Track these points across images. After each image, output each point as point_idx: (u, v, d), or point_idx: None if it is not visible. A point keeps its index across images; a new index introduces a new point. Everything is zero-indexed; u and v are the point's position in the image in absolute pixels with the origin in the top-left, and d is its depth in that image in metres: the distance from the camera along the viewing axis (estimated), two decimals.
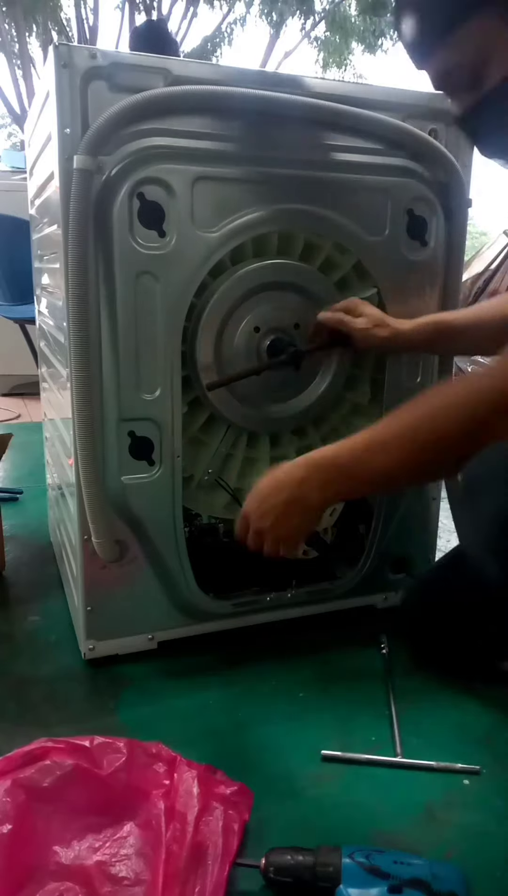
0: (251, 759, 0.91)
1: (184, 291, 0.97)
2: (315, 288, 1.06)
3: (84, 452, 0.96)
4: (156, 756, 0.79)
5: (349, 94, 1.01)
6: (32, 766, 0.75)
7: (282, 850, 0.72)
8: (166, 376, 0.99)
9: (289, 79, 0.98)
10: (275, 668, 1.11)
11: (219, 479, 1.11)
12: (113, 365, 0.96)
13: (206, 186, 0.95)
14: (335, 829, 0.80)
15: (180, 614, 1.12)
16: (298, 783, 0.87)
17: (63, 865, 0.69)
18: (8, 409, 3.09)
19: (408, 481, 0.99)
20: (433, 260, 1.10)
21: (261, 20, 9.49)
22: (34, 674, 1.10)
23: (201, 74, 0.94)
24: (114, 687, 1.06)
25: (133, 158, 0.91)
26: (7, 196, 2.79)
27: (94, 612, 1.07)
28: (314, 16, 9.55)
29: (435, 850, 0.77)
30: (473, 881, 0.71)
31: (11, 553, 1.52)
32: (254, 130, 0.97)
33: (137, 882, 0.67)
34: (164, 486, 1.03)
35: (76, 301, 0.91)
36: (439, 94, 0.91)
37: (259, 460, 1.13)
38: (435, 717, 1.00)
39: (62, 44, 0.87)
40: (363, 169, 1.04)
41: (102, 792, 0.75)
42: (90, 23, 9.06)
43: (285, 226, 1.02)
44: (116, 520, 1.03)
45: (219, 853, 0.69)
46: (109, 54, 0.89)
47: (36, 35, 8.95)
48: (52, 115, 0.90)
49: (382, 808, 0.84)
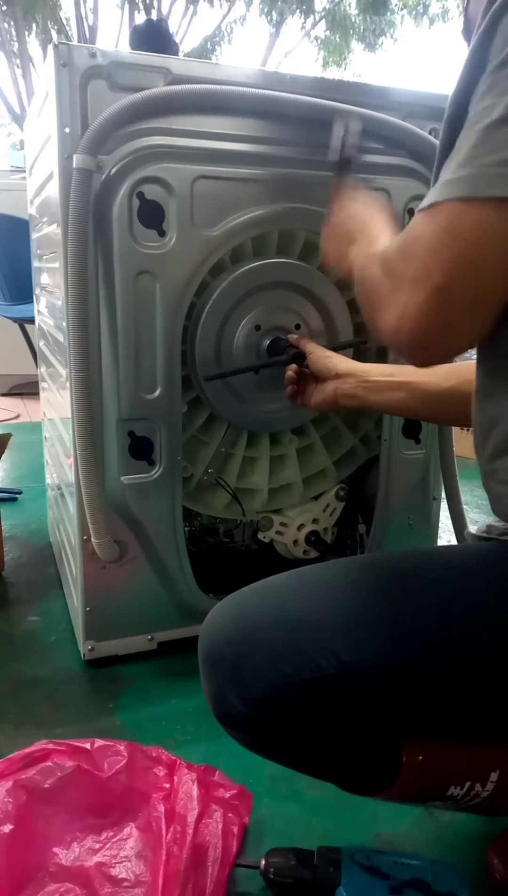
0: (251, 760, 0.91)
1: (184, 291, 0.97)
2: (316, 287, 1.06)
3: (84, 452, 0.95)
4: (156, 759, 0.79)
5: (349, 94, 1.01)
6: (34, 767, 0.75)
7: (282, 851, 0.72)
8: (166, 376, 0.98)
9: (290, 78, 0.98)
10: None
11: (219, 478, 1.11)
12: (112, 364, 0.96)
13: (206, 185, 0.94)
14: (334, 830, 0.80)
15: (180, 614, 1.12)
16: (298, 784, 0.87)
17: (63, 867, 0.69)
18: (7, 409, 3.09)
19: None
20: None
21: (261, 19, 9.50)
22: (34, 674, 1.10)
23: (200, 74, 0.93)
24: (113, 687, 1.06)
25: (133, 157, 0.90)
26: (6, 195, 2.79)
27: (93, 613, 1.07)
28: (314, 15, 9.55)
29: (435, 851, 0.77)
30: (473, 881, 0.71)
31: (11, 553, 1.52)
32: (254, 129, 0.97)
33: (137, 883, 0.67)
34: (163, 486, 1.03)
35: (76, 300, 0.91)
36: (439, 94, 0.91)
37: (259, 459, 1.13)
38: None
39: (62, 43, 0.87)
40: (363, 168, 1.03)
41: (102, 794, 0.75)
42: (90, 22, 9.06)
43: (285, 225, 1.02)
44: (116, 520, 1.02)
45: (219, 855, 0.69)
46: (108, 53, 0.89)
47: (35, 34, 8.94)
48: (52, 114, 0.90)
49: (382, 809, 0.83)
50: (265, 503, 1.14)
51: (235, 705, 0.60)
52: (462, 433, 1.25)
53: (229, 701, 0.61)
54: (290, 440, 1.14)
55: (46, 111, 0.97)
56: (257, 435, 1.12)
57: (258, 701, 0.59)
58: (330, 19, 9.59)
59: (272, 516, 1.15)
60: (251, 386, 1.06)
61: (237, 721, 0.62)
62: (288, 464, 1.14)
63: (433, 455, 1.21)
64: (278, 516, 1.15)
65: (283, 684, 0.58)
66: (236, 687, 0.60)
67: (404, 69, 15.69)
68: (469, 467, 1.02)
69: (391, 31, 9.52)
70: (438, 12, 9.48)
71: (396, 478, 1.18)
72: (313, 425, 1.15)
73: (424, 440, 1.19)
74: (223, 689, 0.61)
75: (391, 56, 20.30)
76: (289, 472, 1.14)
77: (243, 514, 1.13)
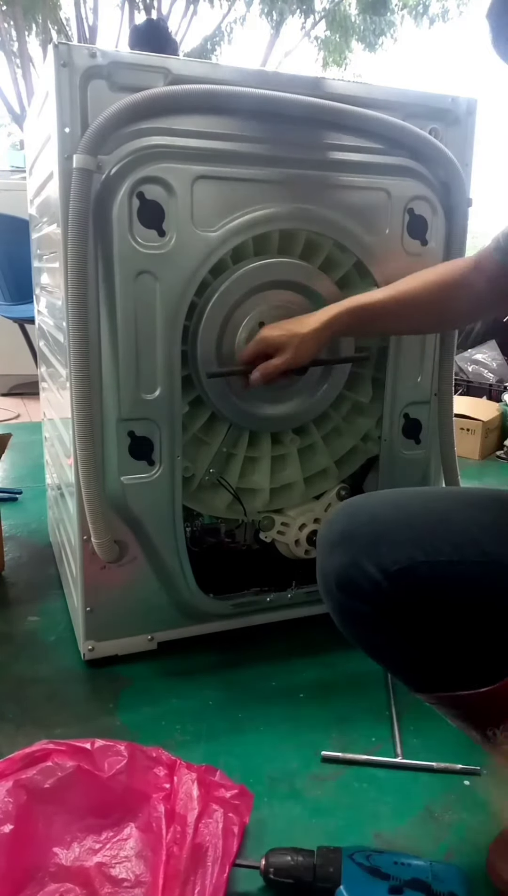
0: (251, 760, 0.91)
1: (184, 290, 0.97)
2: (317, 286, 1.06)
3: (83, 452, 0.95)
4: (156, 759, 0.79)
5: (349, 94, 1.01)
6: (34, 767, 0.75)
7: (282, 851, 0.72)
8: (166, 375, 0.98)
9: (289, 78, 0.98)
10: (275, 669, 1.11)
11: (220, 478, 1.11)
12: (112, 364, 0.96)
13: (206, 186, 0.95)
14: (335, 830, 0.80)
15: (180, 615, 1.12)
16: (298, 784, 0.87)
17: (63, 867, 0.69)
18: (7, 409, 3.09)
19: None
20: (433, 259, 1.10)
21: (261, 19, 9.49)
22: (34, 674, 1.10)
23: (200, 73, 0.93)
24: (113, 687, 1.06)
25: (133, 157, 0.90)
26: (6, 195, 2.79)
27: (93, 613, 1.07)
28: (314, 15, 9.55)
29: (435, 851, 0.77)
30: (473, 881, 0.71)
31: (11, 553, 1.52)
32: (254, 129, 0.97)
33: (138, 883, 0.67)
34: (164, 487, 1.03)
35: (76, 300, 0.91)
36: (439, 94, 0.91)
37: (261, 459, 1.12)
38: (436, 718, 0.99)
39: (62, 43, 0.87)
40: (363, 168, 1.03)
41: (102, 794, 0.75)
42: (90, 22, 9.05)
43: (286, 225, 1.02)
44: (116, 520, 1.03)
45: (219, 855, 0.69)
46: (108, 53, 0.89)
47: (35, 34, 8.94)
48: (52, 114, 0.90)
49: (382, 809, 0.83)
50: (267, 503, 1.14)
51: (368, 573, 0.62)
52: (462, 433, 1.25)
53: (362, 568, 0.63)
54: (291, 440, 1.14)
55: (46, 111, 0.97)
56: (259, 435, 1.12)
57: (394, 571, 0.62)
58: (330, 19, 9.58)
59: (274, 516, 1.15)
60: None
61: (363, 589, 0.63)
62: (289, 463, 1.14)
63: (434, 455, 1.21)
64: (280, 516, 1.15)
65: (423, 560, 0.61)
66: (374, 557, 0.63)
67: (404, 69, 15.73)
68: (469, 467, 1.03)
69: (391, 31, 9.51)
70: (438, 12, 9.47)
71: (396, 477, 1.18)
72: (315, 425, 1.15)
73: (424, 440, 1.19)
74: (359, 557, 0.64)
75: (391, 56, 20.27)
76: (290, 472, 1.14)
77: (244, 514, 1.13)
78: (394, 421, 1.16)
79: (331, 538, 0.68)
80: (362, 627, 0.67)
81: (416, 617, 0.63)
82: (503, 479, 2.16)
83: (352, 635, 0.70)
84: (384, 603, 0.63)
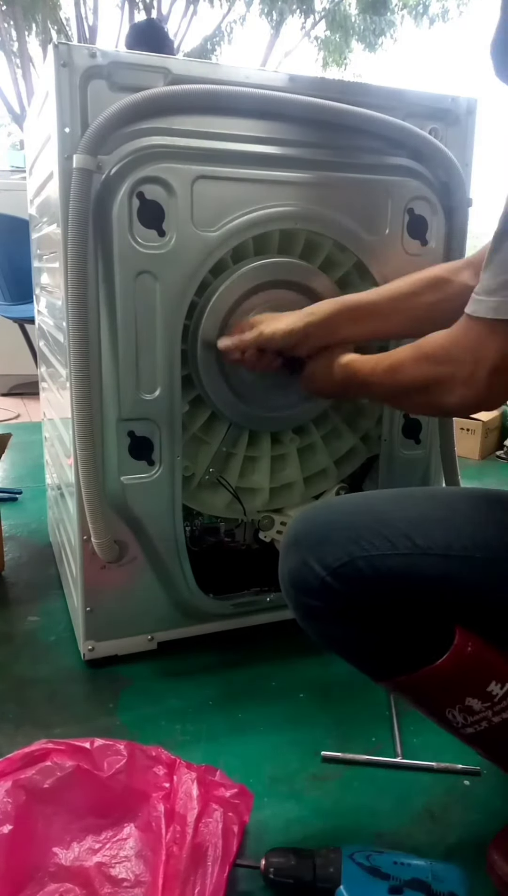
0: (251, 760, 0.91)
1: (184, 290, 0.97)
2: (317, 286, 1.06)
3: (83, 452, 0.95)
4: (156, 759, 0.79)
5: (349, 94, 1.01)
6: (33, 767, 0.75)
7: (282, 851, 0.72)
8: (166, 375, 0.98)
9: (289, 78, 0.98)
10: (275, 669, 1.11)
11: (220, 477, 1.11)
12: (112, 364, 0.96)
13: (206, 186, 0.94)
14: (335, 830, 0.80)
15: (180, 615, 1.12)
16: (298, 784, 0.87)
17: (63, 866, 0.69)
18: (7, 409, 3.09)
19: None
20: (433, 259, 1.10)
21: (261, 19, 9.49)
22: (34, 674, 1.10)
23: (200, 73, 0.93)
24: (113, 687, 1.06)
25: (133, 157, 0.90)
26: (6, 195, 2.79)
27: (93, 613, 1.07)
28: (314, 15, 9.55)
29: (435, 851, 0.77)
30: (473, 881, 0.71)
31: (11, 553, 1.52)
32: (254, 129, 0.97)
33: (137, 883, 0.67)
34: (163, 486, 1.03)
35: (76, 300, 0.91)
36: (439, 94, 0.90)
37: (260, 459, 1.12)
38: None
39: (62, 43, 0.87)
40: (363, 168, 1.03)
41: (102, 794, 0.75)
42: (90, 22, 9.05)
43: (286, 224, 1.02)
44: (116, 520, 1.02)
45: (219, 855, 0.69)
46: (108, 53, 0.89)
47: (35, 34, 8.94)
48: (52, 114, 0.90)
49: (382, 809, 0.83)
50: (267, 502, 1.14)
51: (315, 571, 0.70)
52: (462, 433, 1.25)
53: (310, 567, 0.70)
54: (291, 439, 1.14)
55: (46, 111, 0.97)
56: (259, 434, 1.12)
57: (336, 567, 0.69)
58: (330, 19, 9.58)
59: (274, 516, 1.15)
60: (253, 385, 1.06)
61: (312, 586, 0.70)
62: (289, 463, 1.14)
63: (434, 455, 1.21)
64: (280, 516, 1.15)
65: (360, 556, 0.69)
66: (318, 555, 0.70)
67: (404, 69, 15.73)
68: (469, 467, 1.03)
69: (391, 31, 9.51)
70: (438, 12, 9.48)
71: (396, 477, 1.18)
72: (315, 425, 1.15)
73: (424, 440, 1.19)
74: (306, 557, 0.71)
75: (391, 56, 20.28)
76: (290, 472, 1.14)
77: (244, 514, 1.13)
78: (394, 421, 1.16)
79: (286, 542, 0.75)
80: (317, 622, 0.74)
81: (361, 607, 0.70)
82: (503, 479, 2.16)
83: (311, 630, 0.76)
84: (332, 597, 0.70)
